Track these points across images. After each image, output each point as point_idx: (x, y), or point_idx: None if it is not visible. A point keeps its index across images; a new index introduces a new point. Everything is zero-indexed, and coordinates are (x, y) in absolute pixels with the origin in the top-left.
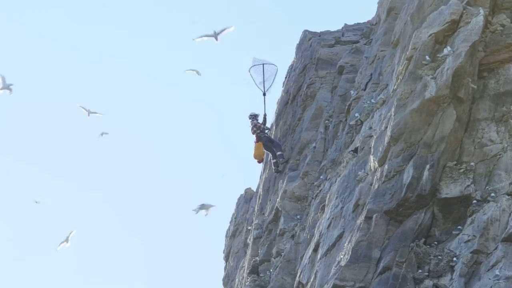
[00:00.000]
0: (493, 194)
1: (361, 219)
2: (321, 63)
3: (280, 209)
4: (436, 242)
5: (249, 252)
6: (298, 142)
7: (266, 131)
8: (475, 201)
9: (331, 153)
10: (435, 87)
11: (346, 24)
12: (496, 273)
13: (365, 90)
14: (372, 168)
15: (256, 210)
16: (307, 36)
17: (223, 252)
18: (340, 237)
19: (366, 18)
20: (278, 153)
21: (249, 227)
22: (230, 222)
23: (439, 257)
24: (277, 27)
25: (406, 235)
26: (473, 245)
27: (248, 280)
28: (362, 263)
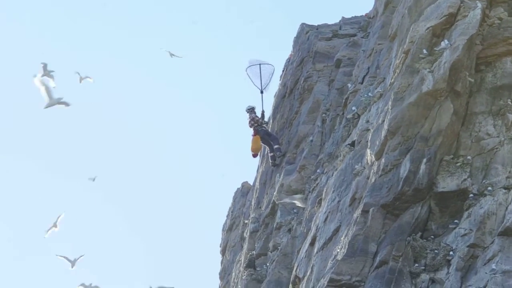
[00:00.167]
0: (489, 188)
1: (357, 213)
2: (318, 57)
3: (277, 202)
4: (432, 236)
5: (245, 246)
6: (295, 135)
7: (263, 125)
8: (472, 195)
9: (328, 146)
10: (432, 81)
11: (343, 17)
12: (492, 267)
13: (362, 83)
14: (369, 161)
15: (253, 204)
16: (305, 29)
17: (220, 246)
18: (336, 231)
19: (363, 11)
20: (276, 146)
21: (245, 221)
22: (226, 216)
23: (436, 251)
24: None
25: (403, 229)
26: (469, 239)
27: (244, 274)
28: (359, 257)
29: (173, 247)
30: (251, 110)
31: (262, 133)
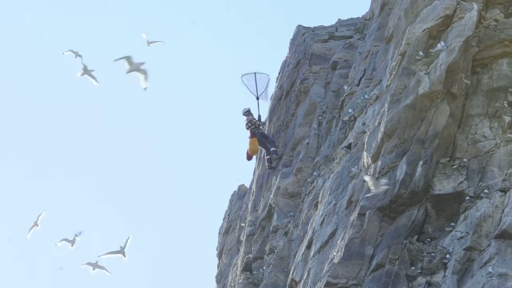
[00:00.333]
0: (486, 191)
1: (354, 216)
2: (314, 59)
3: (273, 205)
4: (429, 239)
5: (242, 249)
6: (292, 138)
7: (260, 127)
8: (468, 197)
9: (325, 149)
10: (429, 83)
11: (339, 19)
12: (489, 270)
13: (358, 85)
14: (365, 164)
15: (249, 207)
16: (301, 31)
17: (216, 249)
18: (333, 234)
19: (359, 13)
20: (272, 149)
21: (242, 224)
22: (223, 219)
23: (432, 254)
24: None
25: (399, 232)
26: (466, 242)
27: (241, 277)
28: (355, 260)
29: (169, 250)
30: (248, 112)
31: (259, 135)
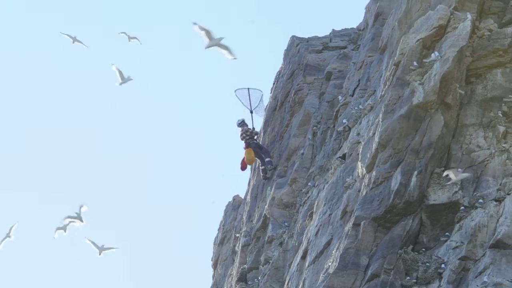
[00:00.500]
0: (481, 200)
1: (349, 226)
2: (308, 69)
3: (268, 216)
4: (424, 249)
5: (237, 259)
6: (286, 148)
7: (255, 137)
8: (463, 207)
9: (319, 159)
10: (423, 93)
11: (333, 29)
12: (484, 279)
13: (353, 96)
14: (360, 174)
15: (244, 217)
16: (295, 42)
17: (211, 259)
18: (328, 244)
19: (353, 24)
20: (267, 159)
21: (237, 235)
22: (218, 229)
23: (427, 264)
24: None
25: (394, 242)
26: (461, 251)
27: (236, 287)
28: (350, 270)
29: (165, 261)
30: (242, 123)
31: (254, 145)
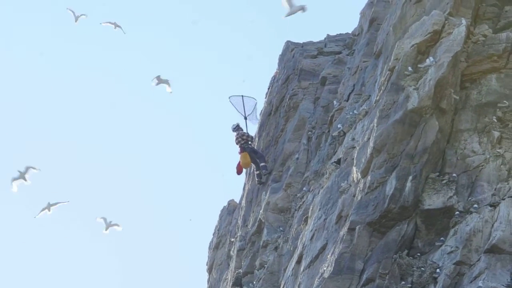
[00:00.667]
0: (475, 205)
1: (344, 231)
2: (303, 74)
3: (263, 220)
4: (419, 254)
5: (232, 264)
6: (281, 153)
7: (249, 142)
8: (458, 212)
9: (314, 164)
10: (418, 98)
11: (328, 34)
12: (479, 284)
13: (347, 101)
14: (355, 179)
15: (239, 222)
16: (290, 47)
17: (206, 264)
18: (323, 248)
19: (348, 29)
20: (262, 164)
21: (232, 239)
22: (213, 234)
23: (422, 268)
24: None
25: (389, 247)
26: (456, 256)
27: None
28: (345, 275)
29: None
30: (237, 127)
31: (249, 150)
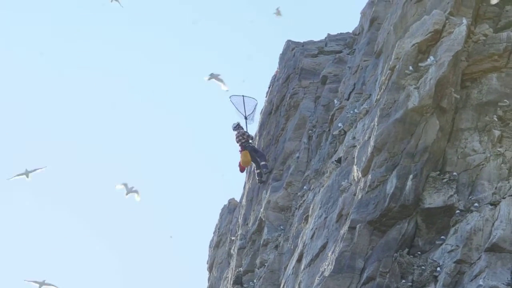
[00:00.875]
0: (476, 204)
1: (344, 229)
2: (304, 73)
3: (263, 219)
4: (419, 252)
5: (233, 262)
6: (282, 152)
7: (250, 141)
8: (458, 211)
9: (315, 163)
10: (418, 97)
11: (329, 34)
12: (479, 283)
13: (348, 100)
14: (355, 178)
15: (239, 220)
16: (290, 46)
17: (207, 262)
18: (323, 247)
19: (349, 28)
20: (262, 163)
21: (232, 238)
22: (213, 232)
23: (423, 267)
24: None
25: (390, 245)
26: (456, 255)
27: None
28: (346, 273)
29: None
30: (237, 126)
31: (249, 149)
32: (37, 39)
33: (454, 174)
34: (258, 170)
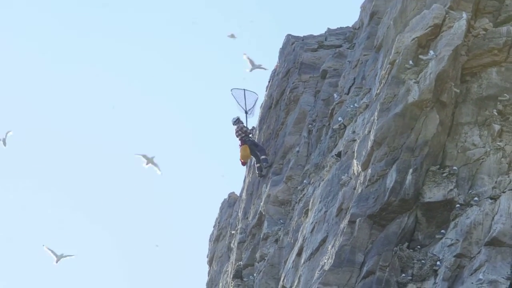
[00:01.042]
0: (476, 198)
1: (344, 223)
2: (304, 67)
3: (263, 213)
4: (419, 246)
5: (233, 256)
6: (282, 146)
7: (250, 135)
8: (458, 205)
9: (315, 157)
10: (418, 91)
11: (329, 28)
12: (479, 277)
13: (348, 94)
14: (355, 172)
15: (240, 214)
16: (290, 40)
17: (207, 256)
18: (323, 241)
19: (349, 23)
20: (262, 157)
21: (232, 232)
22: (213, 226)
23: (423, 261)
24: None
25: (390, 239)
26: (456, 249)
27: (232, 284)
28: (346, 267)
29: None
30: (237, 121)
31: (249, 143)
32: (37, 39)
33: (454, 168)
34: (258, 164)
